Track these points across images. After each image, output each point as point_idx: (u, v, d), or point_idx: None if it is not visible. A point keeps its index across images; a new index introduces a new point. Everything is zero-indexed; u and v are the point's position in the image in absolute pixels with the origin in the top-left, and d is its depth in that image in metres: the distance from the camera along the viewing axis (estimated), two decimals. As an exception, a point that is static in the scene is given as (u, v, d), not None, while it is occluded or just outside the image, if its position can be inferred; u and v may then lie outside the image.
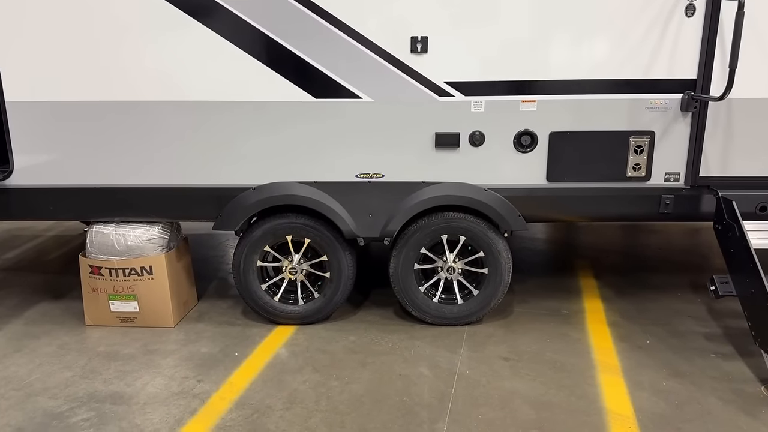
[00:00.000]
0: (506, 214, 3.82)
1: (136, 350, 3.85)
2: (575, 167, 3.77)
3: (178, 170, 3.84)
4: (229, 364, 3.66)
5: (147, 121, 3.75)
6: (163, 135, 3.77)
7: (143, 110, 3.73)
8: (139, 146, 3.80)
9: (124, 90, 3.71)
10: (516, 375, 3.48)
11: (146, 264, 4.02)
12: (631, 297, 4.57)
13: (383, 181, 3.82)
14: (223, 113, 3.72)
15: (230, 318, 4.29)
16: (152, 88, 3.70)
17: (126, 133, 3.78)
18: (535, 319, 4.21)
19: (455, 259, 4.00)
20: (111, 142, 3.79)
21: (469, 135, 3.72)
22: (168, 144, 3.79)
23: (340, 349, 3.80)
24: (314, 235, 3.93)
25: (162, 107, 3.72)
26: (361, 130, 3.74)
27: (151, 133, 3.78)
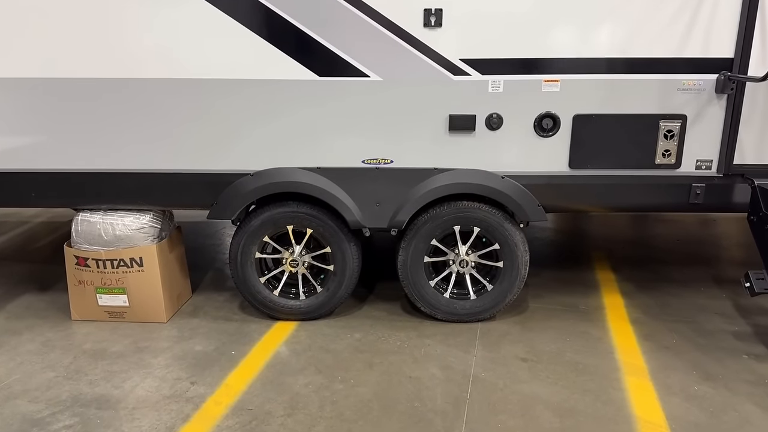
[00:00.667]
0: (524, 204, 3.54)
1: (125, 348, 3.58)
2: (600, 153, 3.48)
3: (169, 154, 3.54)
4: (225, 363, 3.39)
5: (136, 101, 3.45)
6: (153, 116, 3.47)
7: (132, 89, 3.42)
8: (128, 128, 3.49)
9: (111, 67, 3.40)
10: (535, 378, 3.22)
11: (136, 255, 3.74)
12: (652, 292, 4.31)
13: (392, 167, 3.53)
14: (218, 92, 3.42)
15: (227, 313, 4.02)
16: (141, 64, 3.39)
17: (113, 113, 3.47)
18: (552, 315, 3.95)
19: (468, 252, 3.73)
20: (98, 123, 3.49)
21: (486, 117, 3.42)
22: (159, 126, 3.49)
23: (345, 348, 3.54)
24: (317, 225, 3.65)
25: (152, 85, 3.41)
26: (368, 112, 3.44)
27: (141, 113, 3.47)
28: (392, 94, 3.40)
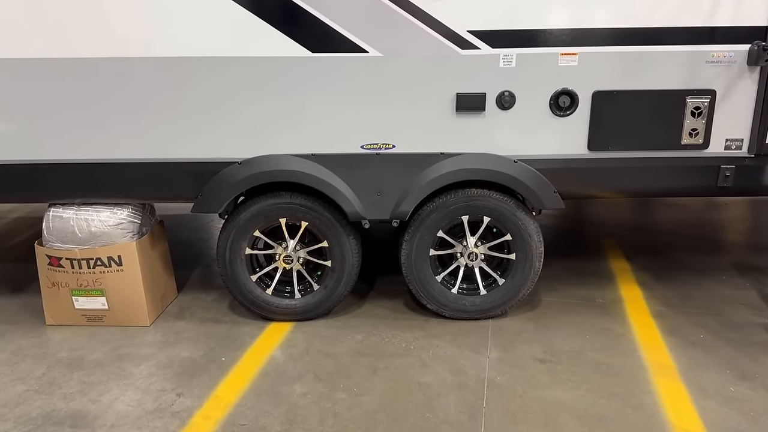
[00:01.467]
0: (539, 190, 3.23)
1: (104, 356, 3.26)
2: (621, 134, 3.18)
3: (148, 142, 3.20)
4: (214, 371, 3.08)
5: (109, 83, 3.10)
6: (128, 100, 3.12)
7: (104, 69, 3.07)
8: (100, 113, 3.15)
9: (81, 45, 3.04)
10: (557, 381, 2.94)
11: (114, 253, 3.41)
12: (672, 282, 4.03)
13: (394, 152, 3.21)
14: (200, 72, 3.07)
15: (215, 313, 3.70)
16: (114, 42, 3.03)
17: (84, 97, 3.12)
18: (568, 310, 3.66)
19: (477, 243, 3.43)
20: (66, 108, 3.14)
21: (497, 96, 3.10)
22: (135, 111, 3.14)
23: (346, 351, 3.24)
24: (312, 217, 3.33)
25: (126, 66, 3.06)
26: (366, 92, 3.11)
27: (114, 97, 3.12)
28: (393, 71, 3.07)
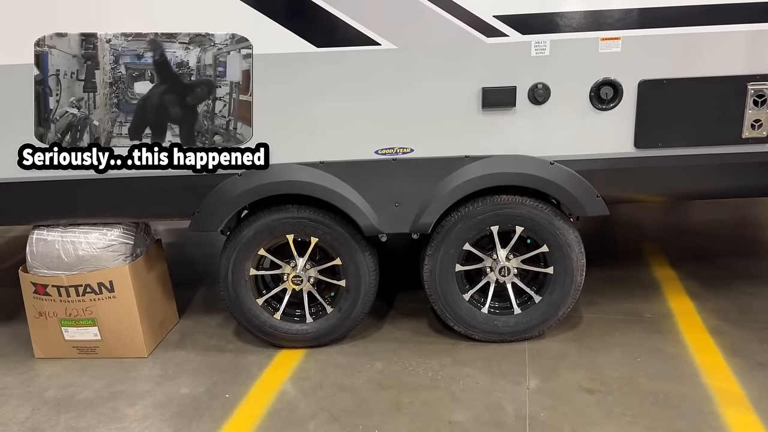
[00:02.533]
0: (580, 195, 2.85)
1: (95, 394, 2.92)
2: (673, 128, 2.78)
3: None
4: (216, 411, 2.73)
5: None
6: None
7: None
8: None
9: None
10: (609, 416, 2.54)
11: (105, 279, 3.07)
12: (725, 292, 3.61)
13: (412, 157, 2.84)
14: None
15: (220, 340, 3.35)
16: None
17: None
18: (613, 327, 3.26)
19: (509, 256, 3.04)
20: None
21: (529, 89, 2.72)
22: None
23: (365, 384, 2.87)
24: (323, 232, 2.97)
25: (109, 69, 2.73)
26: (380, 89, 2.75)
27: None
28: (410, 65, 2.71)
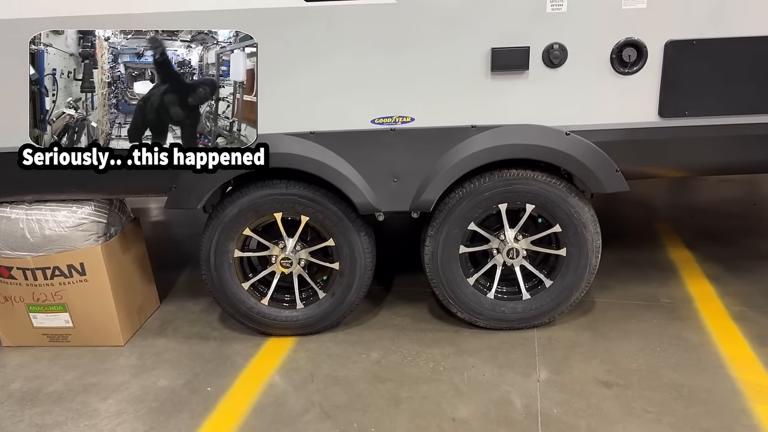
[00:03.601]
0: (597, 170, 2.58)
1: (65, 386, 2.67)
2: (702, 95, 2.50)
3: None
4: (197, 406, 2.48)
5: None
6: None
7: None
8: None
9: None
10: (630, 413, 2.30)
11: (75, 260, 2.80)
12: (747, 275, 3.37)
13: (413, 127, 2.56)
14: (163, 32, 2.42)
15: (203, 327, 3.10)
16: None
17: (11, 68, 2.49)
18: (629, 313, 3.01)
19: (518, 237, 2.78)
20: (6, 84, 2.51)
21: (544, 50, 2.43)
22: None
23: (361, 376, 2.62)
24: (314, 210, 2.70)
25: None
26: (377, 50, 2.45)
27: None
28: (410, 22, 2.41)
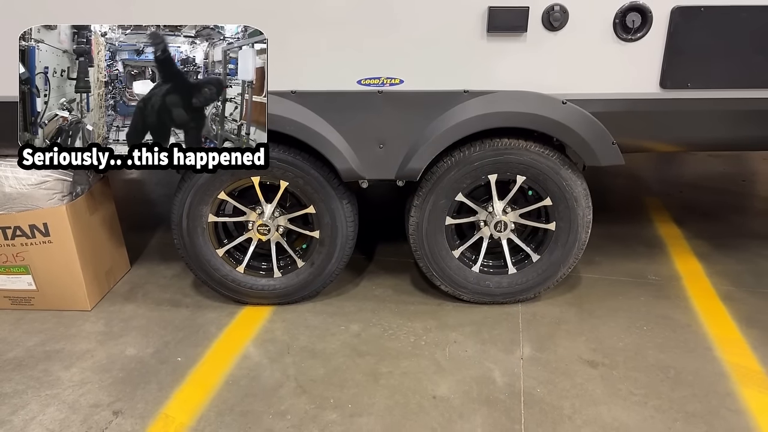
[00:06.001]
0: (593, 141, 2.45)
1: (27, 353, 2.54)
2: (707, 66, 2.37)
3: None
4: (165, 377, 2.37)
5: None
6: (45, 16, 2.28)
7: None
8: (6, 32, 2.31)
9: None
10: (615, 395, 2.24)
11: (38, 220, 2.64)
12: (736, 252, 3.31)
13: (401, 90, 2.40)
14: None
15: (175, 293, 2.97)
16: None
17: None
18: (616, 290, 2.94)
19: (506, 209, 2.67)
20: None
21: (544, 11, 2.27)
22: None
23: (339, 349, 2.52)
24: (294, 175, 2.55)
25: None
26: (364, 5, 2.27)
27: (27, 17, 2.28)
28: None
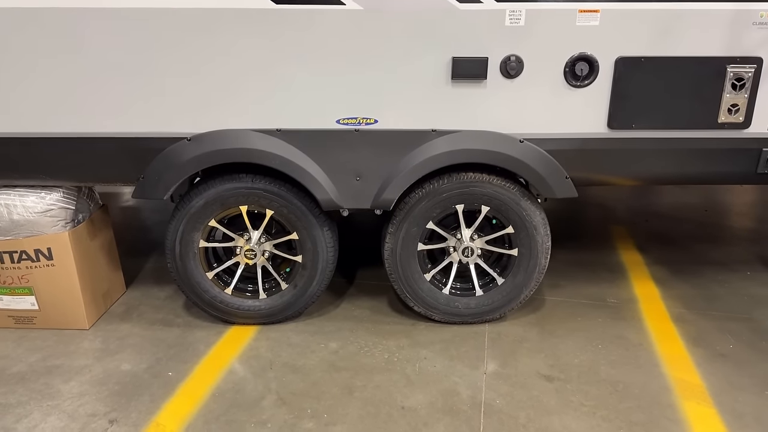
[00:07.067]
0: (548, 176, 2.72)
1: (29, 368, 2.74)
2: (648, 109, 2.66)
3: (76, 112, 2.62)
4: (157, 390, 2.58)
5: (24, 39, 2.51)
6: (53, 58, 2.54)
7: (23, 20, 2.48)
8: (16, 75, 2.57)
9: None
10: (566, 405, 2.47)
11: (42, 245, 2.87)
12: (692, 278, 3.56)
13: (376, 128, 2.67)
14: (139, 24, 2.49)
15: (167, 314, 3.19)
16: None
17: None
18: (576, 312, 3.18)
19: (473, 237, 2.92)
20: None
21: (502, 61, 2.56)
22: (61, 73, 2.56)
23: (318, 365, 2.74)
24: (279, 205, 2.80)
25: (54, 16, 2.48)
26: (343, 53, 2.56)
27: (37, 55, 2.54)
28: (376, 28, 2.51)
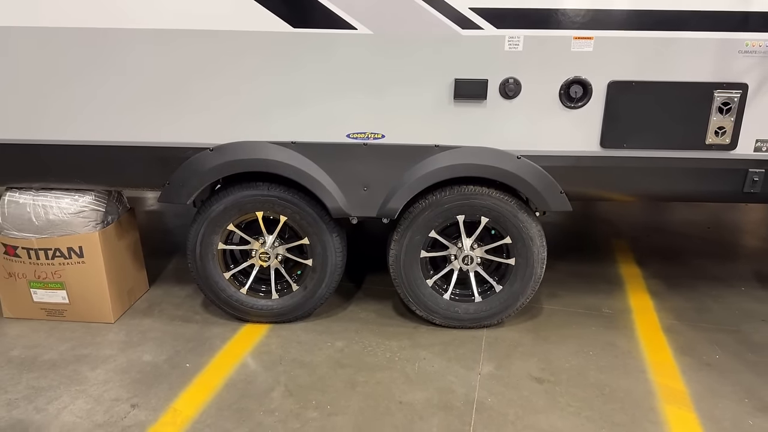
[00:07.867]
0: (544, 190, 2.90)
1: (60, 356, 2.98)
2: (639, 130, 2.83)
3: (110, 123, 2.87)
4: (176, 379, 2.80)
5: (71, 57, 2.78)
6: (90, 75, 2.80)
7: (68, 41, 2.75)
8: (61, 89, 2.83)
9: (45, 12, 2.71)
10: (554, 406, 2.63)
11: (74, 244, 3.11)
12: (687, 292, 3.70)
13: (383, 143, 2.88)
14: (167, 48, 2.74)
15: (187, 311, 3.41)
16: (79, 10, 2.71)
17: (42, 71, 2.80)
18: (571, 320, 3.34)
19: (474, 246, 3.11)
20: (23, 83, 2.82)
21: (501, 83, 2.76)
22: (89, 88, 2.82)
23: (324, 361, 2.94)
24: (292, 211, 3.02)
25: (93, 37, 2.74)
26: (354, 74, 2.78)
27: (75, 72, 2.80)
28: (385, 52, 2.73)
